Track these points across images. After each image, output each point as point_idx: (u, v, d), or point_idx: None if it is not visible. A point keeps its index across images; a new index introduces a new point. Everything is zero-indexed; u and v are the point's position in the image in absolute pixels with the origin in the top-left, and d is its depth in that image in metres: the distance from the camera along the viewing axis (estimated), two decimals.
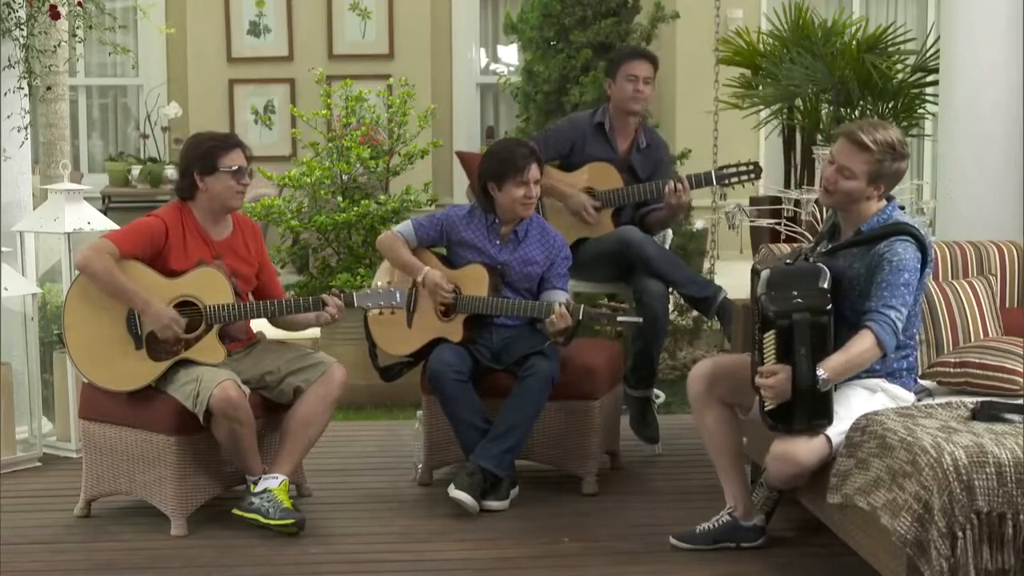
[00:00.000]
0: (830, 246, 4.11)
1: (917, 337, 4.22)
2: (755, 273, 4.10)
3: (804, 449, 3.88)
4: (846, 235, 4.10)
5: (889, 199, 4.10)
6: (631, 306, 5.21)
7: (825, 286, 3.92)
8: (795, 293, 3.89)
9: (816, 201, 6.30)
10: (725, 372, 4.28)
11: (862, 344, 3.88)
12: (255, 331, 4.81)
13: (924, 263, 4.01)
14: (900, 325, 3.91)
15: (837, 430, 3.88)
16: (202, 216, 4.62)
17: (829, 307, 3.86)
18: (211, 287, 4.52)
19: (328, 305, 4.58)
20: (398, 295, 4.60)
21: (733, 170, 5.43)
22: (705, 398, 4.26)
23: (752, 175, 5.44)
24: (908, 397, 4.07)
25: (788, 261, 4.11)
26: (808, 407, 3.84)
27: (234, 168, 4.56)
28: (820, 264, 4.00)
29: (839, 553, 4.11)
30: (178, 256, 4.53)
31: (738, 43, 7.85)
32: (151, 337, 4.49)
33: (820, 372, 3.81)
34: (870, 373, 4.01)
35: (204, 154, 4.57)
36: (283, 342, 4.84)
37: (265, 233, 5.18)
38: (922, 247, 3.99)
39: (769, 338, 3.89)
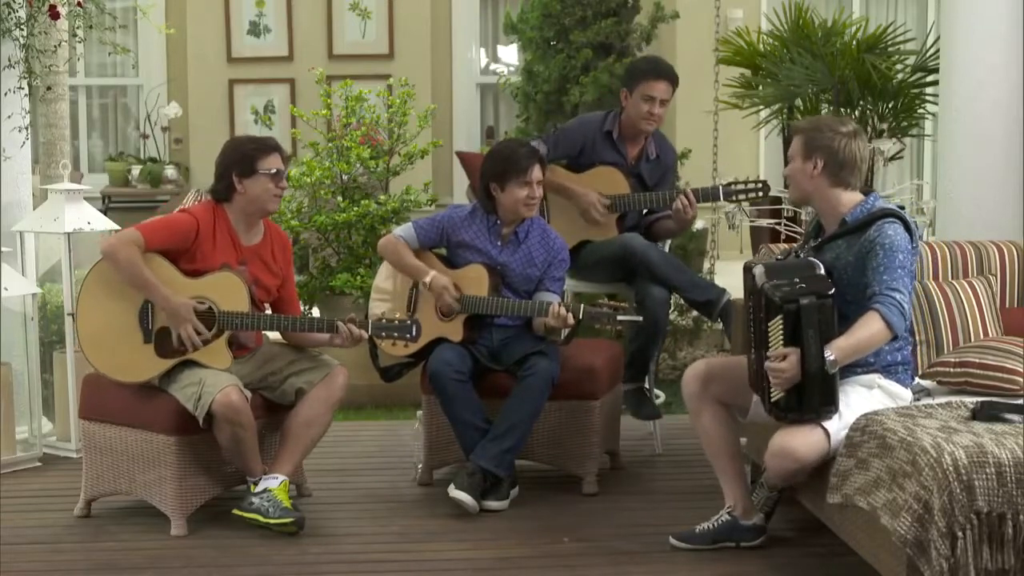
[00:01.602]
0: (819, 241, 4.13)
1: (912, 330, 4.22)
2: (748, 271, 4.10)
3: (803, 444, 3.88)
4: (829, 230, 4.12)
5: (868, 192, 4.11)
6: (632, 308, 5.20)
7: (823, 273, 3.95)
8: (797, 280, 3.91)
9: None
10: (719, 372, 4.29)
11: (870, 326, 3.88)
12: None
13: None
14: (906, 308, 3.91)
15: (836, 427, 3.88)
16: (236, 219, 4.61)
17: (832, 291, 3.88)
18: (228, 293, 4.50)
19: (339, 332, 4.56)
20: (414, 329, 4.56)
21: (741, 187, 5.39)
22: (700, 398, 4.27)
23: (760, 193, 5.42)
24: (905, 395, 4.07)
25: (779, 257, 4.13)
26: (817, 391, 3.85)
27: (273, 171, 4.56)
28: (811, 259, 4.02)
29: (839, 553, 4.11)
30: (204, 256, 4.52)
31: (738, 43, 7.85)
32: (160, 333, 4.49)
33: (828, 354, 3.82)
34: (865, 368, 4.01)
35: (243, 157, 4.57)
36: (285, 343, 4.83)
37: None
38: (908, 228, 4.00)
39: (776, 324, 3.89)
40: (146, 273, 4.44)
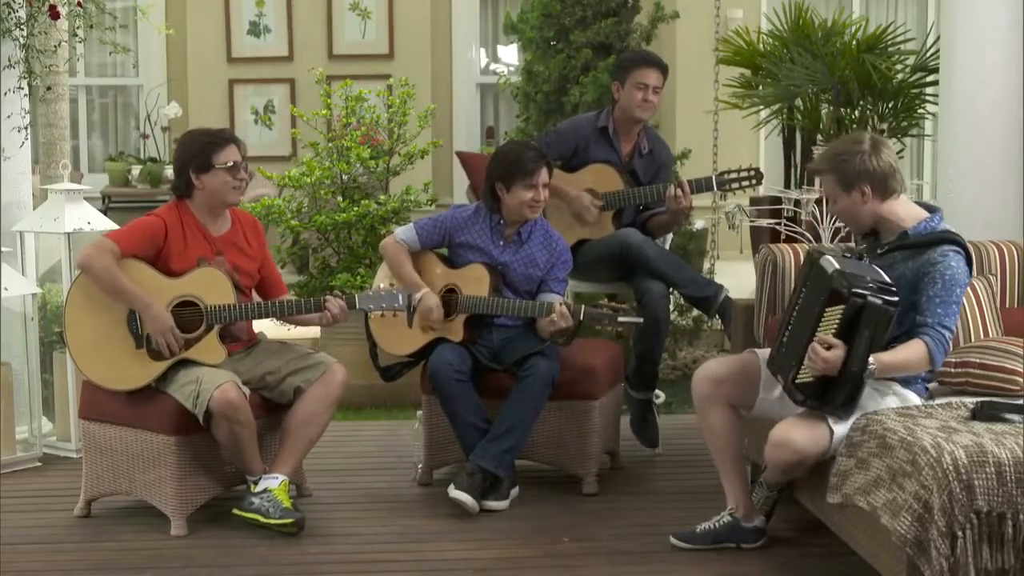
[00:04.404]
0: (886, 248, 4.08)
1: None
2: (811, 260, 4.03)
3: (803, 437, 3.88)
4: (886, 238, 4.10)
5: (933, 210, 4.10)
6: (632, 307, 5.21)
7: (890, 283, 3.90)
8: (868, 278, 3.88)
9: (816, 201, 6.30)
10: (730, 374, 4.27)
11: (914, 352, 3.89)
12: (256, 331, 4.81)
13: None
14: (950, 344, 3.95)
15: (840, 426, 3.87)
16: (200, 213, 4.62)
17: (896, 300, 3.85)
18: (212, 287, 4.52)
19: (328, 308, 4.58)
20: (400, 297, 4.58)
21: (734, 175, 5.41)
22: (711, 399, 4.26)
23: (753, 180, 5.43)
24: (917, 403, 4.06)
25: (847, 255, 4.07)
26: (846, 391, 3.84)
27: (229, 164, 4.56)
28: (878, 267, 3.99)
29: (839, 553, 4.11)
30: (179, 254, 4.53)
31: (738, 43, 7.85)
32: (151, 337, 4.49)
33: (871, 362, 3.82)
34: None
35: (199, 152, 4.58)
36: (283, 342, 4.83)
37: (265, 233, 5.18)
38: (969, 260, 4.02)
39: (835, 311, 3.83)
40: (124, 281, 4.43)
